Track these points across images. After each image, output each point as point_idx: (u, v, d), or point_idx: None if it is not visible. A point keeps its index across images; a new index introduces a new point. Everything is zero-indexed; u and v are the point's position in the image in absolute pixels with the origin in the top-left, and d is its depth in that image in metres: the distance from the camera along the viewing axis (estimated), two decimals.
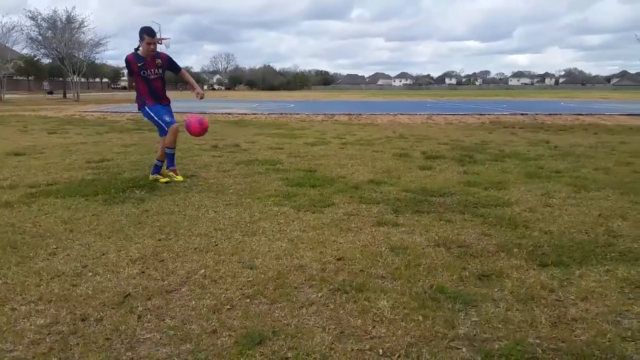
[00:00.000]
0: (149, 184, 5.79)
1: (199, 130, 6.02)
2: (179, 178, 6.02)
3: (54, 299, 2.84)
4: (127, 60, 5.81)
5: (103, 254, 3.56)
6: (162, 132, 6.01)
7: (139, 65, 5.76)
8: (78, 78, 41.19)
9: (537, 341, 2.40)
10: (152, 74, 5.85)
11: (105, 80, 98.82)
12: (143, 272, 3.25)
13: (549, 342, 2.39)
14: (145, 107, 5.90)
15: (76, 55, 38.96)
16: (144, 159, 7.85)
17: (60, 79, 51.51)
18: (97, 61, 50.34)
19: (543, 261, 3.40)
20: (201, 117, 6.28)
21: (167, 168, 6.08)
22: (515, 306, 2.76)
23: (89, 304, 2.78)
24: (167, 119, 5.90)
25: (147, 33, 5.68)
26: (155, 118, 5.89)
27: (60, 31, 38.17)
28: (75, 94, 38.54)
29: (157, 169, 6.13)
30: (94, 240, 3.85)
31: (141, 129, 13.19)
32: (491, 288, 3.00)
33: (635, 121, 16.29)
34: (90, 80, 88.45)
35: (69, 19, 39.20)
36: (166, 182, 5.89)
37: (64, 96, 44.53)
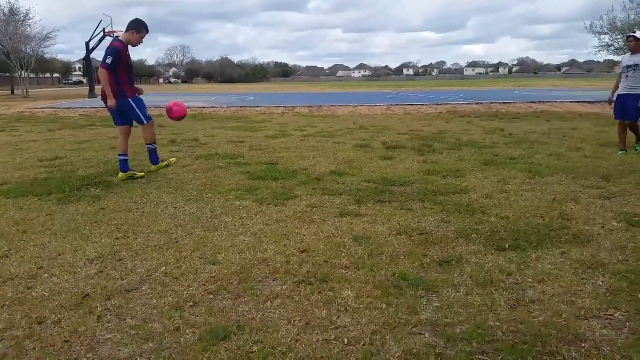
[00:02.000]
0: (105, 182, 5.62)
1: (183, 111, 6.24)
2: (172, 160, 6.32)
3: (7, 303, 2.73)
4: (118, 49, 5.55)
5: (59, 255, 3.44)
6: (130, 124, 5.98)
7: (127, 54, 5.71)
8: (27, 74, 39.50)
9: (498, 324, 2.47)
10: (131, 63, 5.88)
11: (56, 75, 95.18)
12: (101, 271, 3.16)
13: (509, 324, 2.46)
14: (129, 99, 5.71)
15: (23, 49, 37.31)
16: (99, 155, 7.63)
17: (7, 74, 49.28)
18: (46, 56, 48.27)
19: (501, 246, 3.50)
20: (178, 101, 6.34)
21: (154, 164, 6.08)
22: (475, 290, 2.83)
23: (45, 306, 2.69)
24: (148, 113, 5.91)
25: (146, 28, 5.76)
26: (138, 111, 5.80)
27: (4, 24, 36.39)
28: (24, 91, 36.99)
29: (125, 165, 5.90)
30: (49, 241, 3.71)
31: (94, 124, 12.79)
32: (451, 274, 3.07)
33: (584, 108, 16.94)
34: (40, 76, 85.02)
35: (12, 11, 37.44)
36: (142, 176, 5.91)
37: (12, 93, 42.68)
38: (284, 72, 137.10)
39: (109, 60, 5.48)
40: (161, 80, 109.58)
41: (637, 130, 7.52)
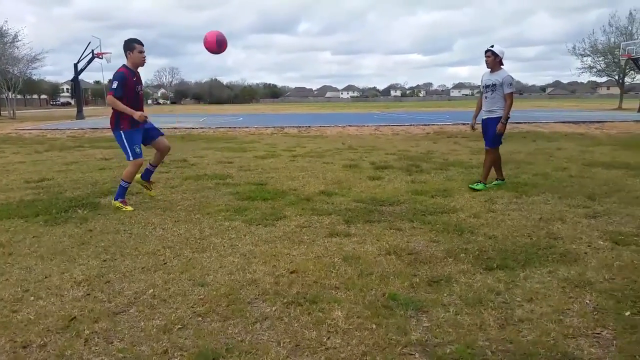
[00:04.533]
0: (92, 203, 5.58)
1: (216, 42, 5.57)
2: (129, 208, 5.38)
3: None
4: (121, 74, 5.25)
5: (45, 277, 3.39)
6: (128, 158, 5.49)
7: (134, 79, 5.38)
8: (14, 95, 39.27)
9: (487, 343, 2.47)
10: (141, 89, 5.54)
11: (43, 96, 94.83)
12: (88, 294, 3.12)
13: (498, 343, 2.47)
14: (121, 131, 5.38)
15: (10, 70, 37.15)
16: (86, 177, 7.58)
17: None
18: (34, 77, 48.13)
19: (489, 265, 3.52)
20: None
21: (115, 199, 5.48)
22: (464, 310, 2.84)
23: (31, 330, 2.64)
24: (138, 150, 5.46)
25: (137, 42, 5.38)
26: (126, 145, 5.41)
27: None
28: (11, 112, 36.73)
29: (148, 174, 5.88)
30: (35, 263, 3.66)
31: (82, 146, 12.73)
32: (441, 293, 3.07)
33: (569, 128, 17.22)
34: (28, 97, 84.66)
35: (1, 33, 37.35)
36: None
37: None
38: (273, 92, 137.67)
39: (114, 85, 5.24)
40: (149, 101, 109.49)
41: (497, 163, 6.52)
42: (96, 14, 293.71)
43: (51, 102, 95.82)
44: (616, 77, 41.94)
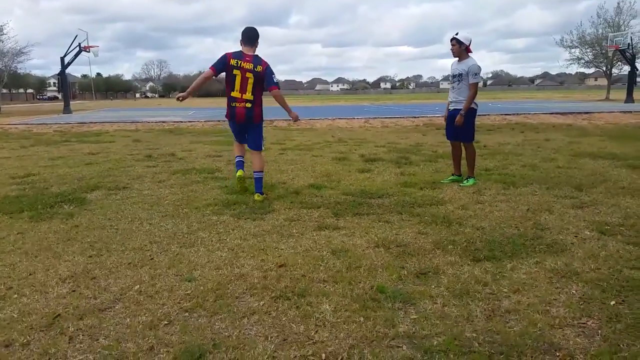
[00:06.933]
0: (79, 198, 5.52)
1: None
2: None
3: None
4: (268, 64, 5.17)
5: (30, 274, 3.35)
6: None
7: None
8: None
9: (474, 335, 2.48)
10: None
11: (30, 90, 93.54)
12: (74, 290, 3.08)
13: (485, 335, 2.48)
14: (262, 123, 5.51)
15: None
16: (73, 172, 7.49)
17: None
18: (20, 71, 47.37)
19: (476, 256, 3.54)
20: None
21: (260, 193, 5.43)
22: (451, 301, 2.85)
23: (13, 328, 2.60)
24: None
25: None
26: (263, 136, 5.59)
27: None
28: None
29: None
30: (20, 260, 3.61)
31: (69, 140, 12.59)
32: (429, 285, 3.08)
33: (557, 119, 17.33)
34: (14, 91, 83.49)
35: None
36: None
37: None
38: None
39: (275, 79, 5.25)
40: (137, 95, 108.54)
41: (472, 158, 6.19)
42: (84, 6, 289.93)
43: (38, 97, 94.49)
44: (604, 69, 42.25)
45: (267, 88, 5.24)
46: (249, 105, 5.24)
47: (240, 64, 5.11)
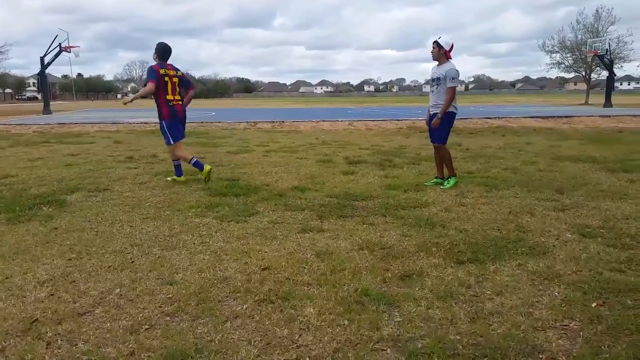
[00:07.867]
0: (58, 200, 5.41)
1: None
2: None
3: None
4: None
5: (6, 278, 3.27)
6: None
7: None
8: None
9: (458, 337, 2.48)
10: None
11: (8, 90, 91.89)
12: (52, 294, 3.01)
13: (469, 337, 2.48)
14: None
15: None
16: (52, 173, 7.36)
17: None
18: None
19: (460, 259, 3.55)
20: None
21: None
22: (435, 304, 2.85)
23: None
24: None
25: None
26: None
27: None
28: None
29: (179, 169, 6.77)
30: None
31: (49, 141, 12.37)
32: (413, 287, 3.08)
33: (538, 123, 17.56)
34: None
35: None
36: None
37: None
38: (246, 87, 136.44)
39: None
40: (119, 96, 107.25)
41: (447, 159, 6.25)
42: (66, 6, 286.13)
43: (16, 97, 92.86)
44: (583, 73, 43.04)
45: (189, 88, 6.74)
46: (180, 102, 6.55)
47: (167, 72, 6.28)
